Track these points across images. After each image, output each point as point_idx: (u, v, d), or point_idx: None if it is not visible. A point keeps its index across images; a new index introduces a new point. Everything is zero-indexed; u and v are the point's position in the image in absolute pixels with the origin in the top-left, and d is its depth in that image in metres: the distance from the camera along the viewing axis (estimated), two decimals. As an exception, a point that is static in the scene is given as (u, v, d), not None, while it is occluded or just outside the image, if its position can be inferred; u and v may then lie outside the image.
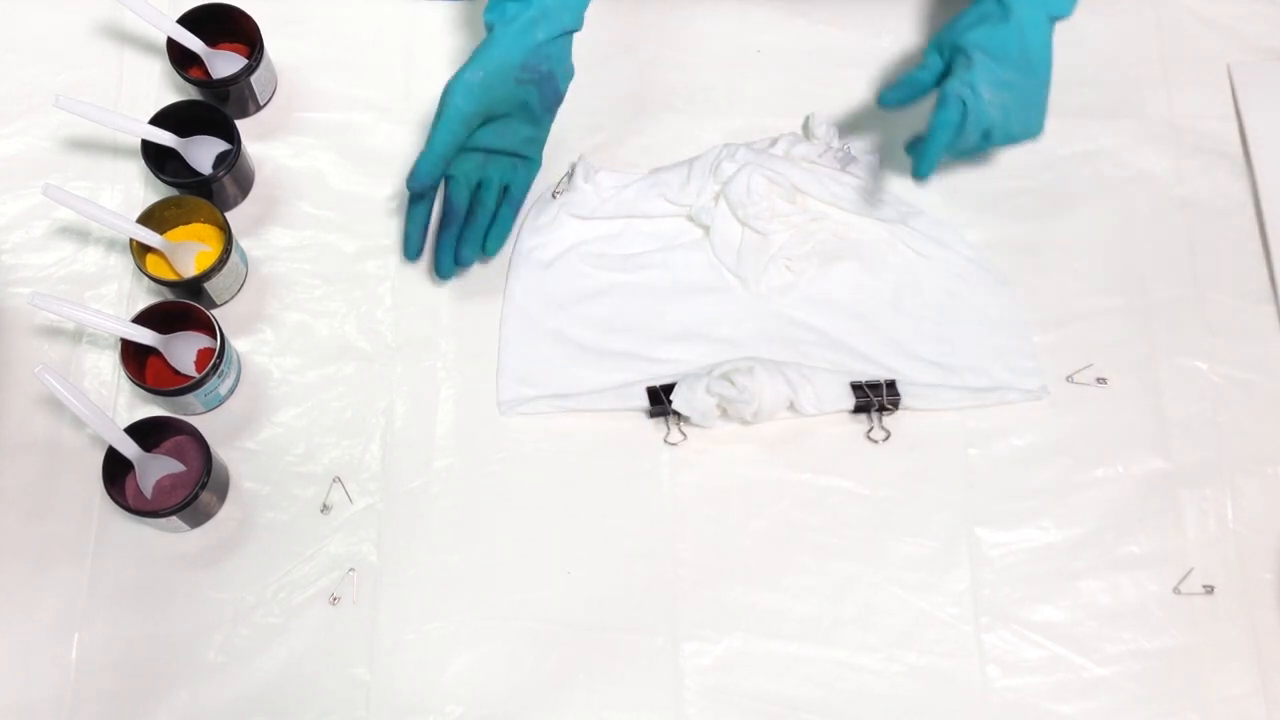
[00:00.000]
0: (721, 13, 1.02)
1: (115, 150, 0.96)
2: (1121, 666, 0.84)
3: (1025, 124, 0.87)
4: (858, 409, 0.88)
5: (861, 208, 0.94)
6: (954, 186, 0.97)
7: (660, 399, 0.87)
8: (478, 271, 0.93)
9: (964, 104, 0.84)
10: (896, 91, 0.90)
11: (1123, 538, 0.87)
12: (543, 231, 0.94)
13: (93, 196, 0.94)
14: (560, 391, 0.89)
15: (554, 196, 0.95)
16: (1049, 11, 0.87)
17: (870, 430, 0.89)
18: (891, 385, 0.88)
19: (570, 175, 0.94)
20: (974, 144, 0.87)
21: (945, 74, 0.88)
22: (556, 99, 0.88)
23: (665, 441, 0.88)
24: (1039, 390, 0.90)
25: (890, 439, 0.89)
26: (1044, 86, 0.87)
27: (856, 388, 0.88)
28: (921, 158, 0.86)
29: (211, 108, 0.93)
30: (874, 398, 0.88)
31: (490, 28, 0.84)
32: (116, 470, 0.82)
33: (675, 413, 0.87)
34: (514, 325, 0.91)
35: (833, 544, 0.86)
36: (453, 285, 0.93)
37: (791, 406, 0.88)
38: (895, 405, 0.88)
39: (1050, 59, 0.87)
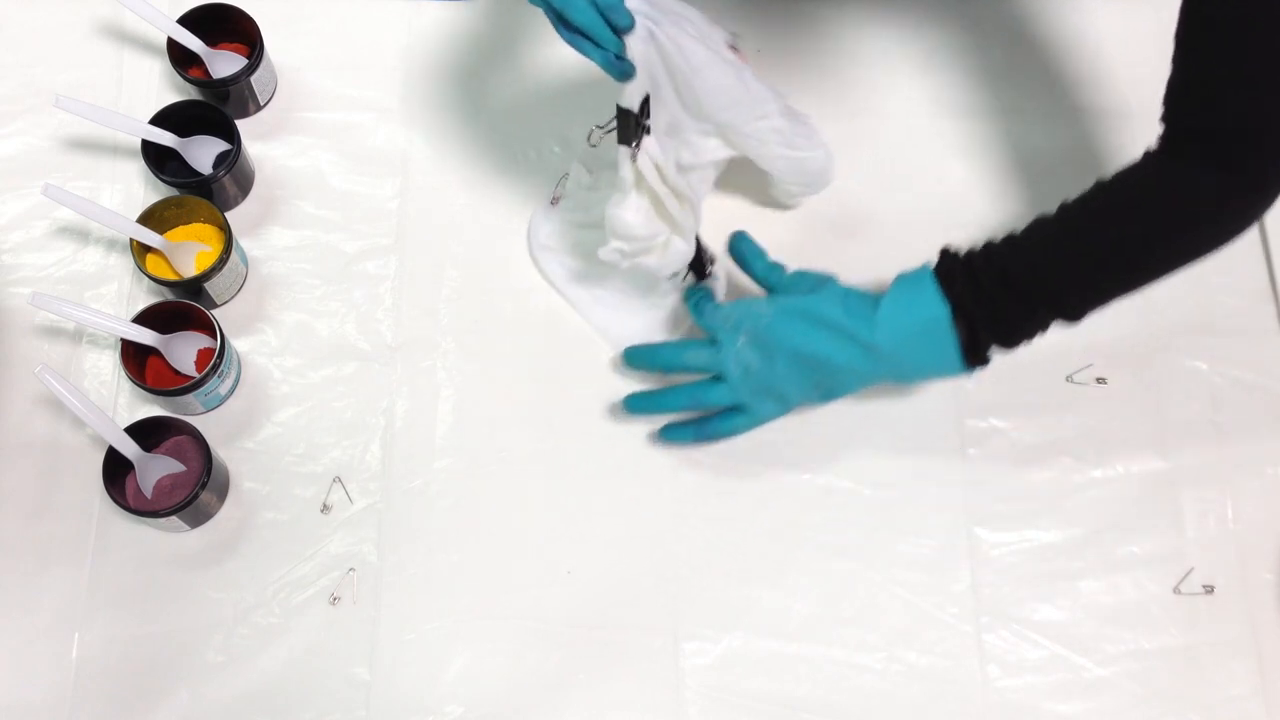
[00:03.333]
0: (722, 13, 1.02)
1: (115, 150, 0.96)
2: (1121, 666, 0.84)
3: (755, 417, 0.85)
4: None
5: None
6: (953, 187, 0.97)
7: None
8: (478, 271, 0.93)
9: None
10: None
11: (1123, 538, 0.87)
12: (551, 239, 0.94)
13: (93, 196, 0.94)
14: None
15: (553, 204, 0.94)
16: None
17: None
18: None
19: (564, 182, 0.94)
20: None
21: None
22: None
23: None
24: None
25: (890, 438, 0.88)
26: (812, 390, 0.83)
27: None
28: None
29: (211, 108, 0.93)
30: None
31: None
32: (116, 470, 0.82)
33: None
34: (578, 291, 0.92)
35: (833, 544, 0.86)
36: (453, 285, 0.93)
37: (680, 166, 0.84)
38: None
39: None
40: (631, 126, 0.79)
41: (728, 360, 0.83)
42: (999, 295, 0.76)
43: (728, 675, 0.83)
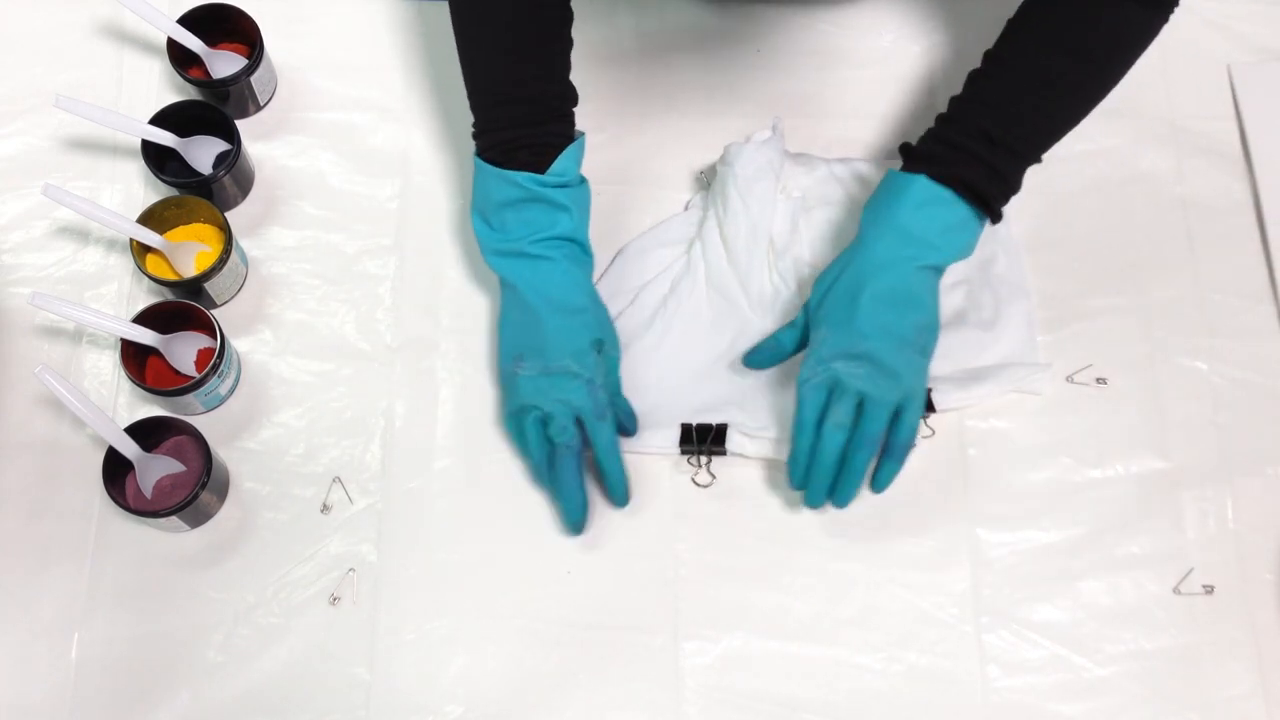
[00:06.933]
0: (721, 13, 1.02)
1: (115, 150, 0.96)
2: (1121, 666, 0.84)
3: (905, 391, 0.79)
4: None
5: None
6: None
7: (697, 439, 0.87)
8: (478, 271, 0.93)
9: (823, 390, 0.80)
10: (757, 355, 0.87)
11: (1123, 538, 0.87)
12: None
13: (93, 196, 0.94)
14: None
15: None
16: (922, 261, 0.79)
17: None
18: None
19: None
20: (850, 416, 0.79)
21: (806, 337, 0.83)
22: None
23: (693, 481, 0.88)
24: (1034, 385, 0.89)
25: None
26: (918, 352, 0.80)
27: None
28: (795, 474, 0.82)
29: (211, 108, 0.93)
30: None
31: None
32: (116, 470, 0.83)
33: (711, 452, 0.87)
34: None
35: (833, 544, 0.86)
36: (452, 285, 0.93)
37: None
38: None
39: (929, 314, 0.81)
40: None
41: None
42: (994, 158, 0.79)
43: (727, 675, 0.83)
